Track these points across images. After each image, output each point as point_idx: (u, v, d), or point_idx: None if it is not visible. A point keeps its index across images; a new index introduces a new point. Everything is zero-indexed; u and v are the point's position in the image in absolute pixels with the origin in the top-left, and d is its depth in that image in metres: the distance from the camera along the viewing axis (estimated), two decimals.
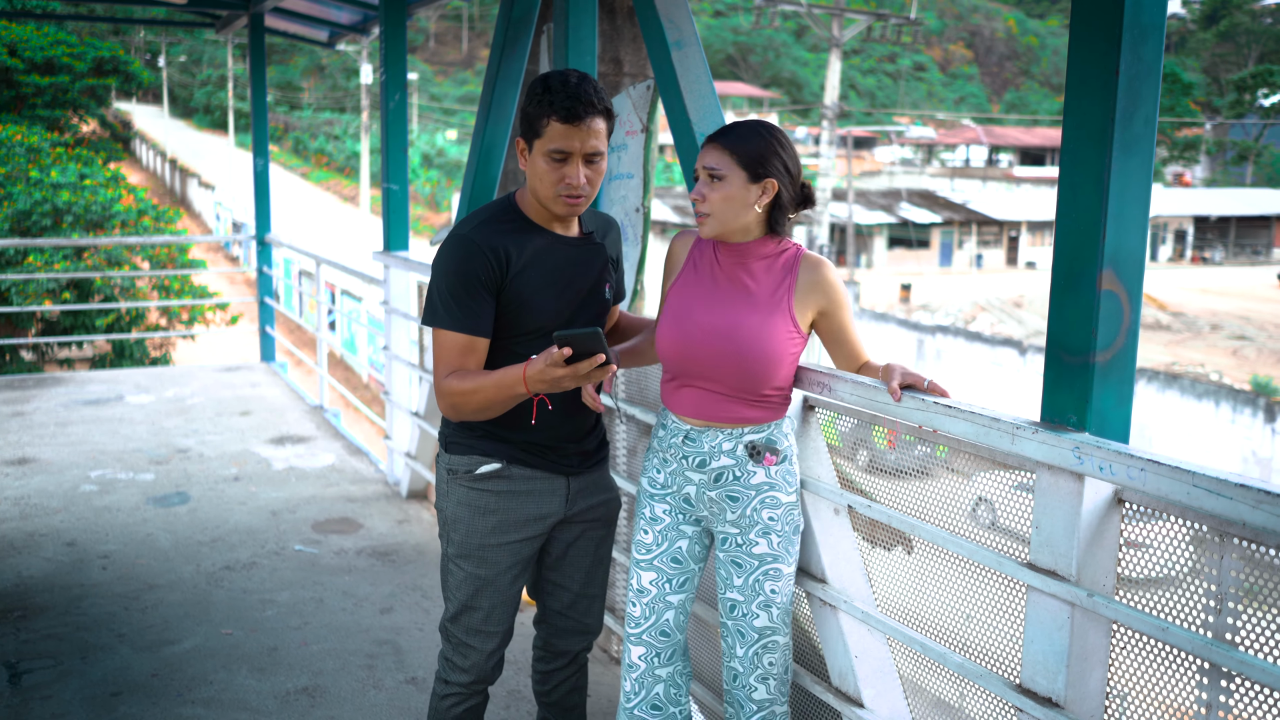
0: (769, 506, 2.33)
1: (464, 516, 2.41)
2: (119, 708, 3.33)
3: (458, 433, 2.42)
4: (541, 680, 2.70)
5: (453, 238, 2.28)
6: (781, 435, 2.37)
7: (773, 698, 2.39)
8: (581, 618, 2.62)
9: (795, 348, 2.32)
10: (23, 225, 14.39)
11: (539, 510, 2.43)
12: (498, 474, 2.39)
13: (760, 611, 2.34)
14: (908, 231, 40.08)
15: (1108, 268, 1.87)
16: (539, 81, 2.24)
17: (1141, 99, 1.85)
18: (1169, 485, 1.72)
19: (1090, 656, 1.96)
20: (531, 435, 2.39)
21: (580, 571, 2.57)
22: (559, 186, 2.25)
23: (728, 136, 2.26)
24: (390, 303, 5.47)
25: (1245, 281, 39.43)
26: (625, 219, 3.56)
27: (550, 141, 2.21)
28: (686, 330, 2.32)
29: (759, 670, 2.36)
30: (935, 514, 2.37)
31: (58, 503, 5.26)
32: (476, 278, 2.24)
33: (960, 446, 2.23)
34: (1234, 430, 20.09)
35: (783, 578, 2.35)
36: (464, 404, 2.26)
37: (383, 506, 5.32)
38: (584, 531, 2.54)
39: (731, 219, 2.27)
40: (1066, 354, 1.94)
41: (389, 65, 5.40)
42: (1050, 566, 1.97)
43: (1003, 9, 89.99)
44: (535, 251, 2.30)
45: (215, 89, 60.16)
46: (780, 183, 2.25)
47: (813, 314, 2.32)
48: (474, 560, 2.42)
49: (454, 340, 2.27)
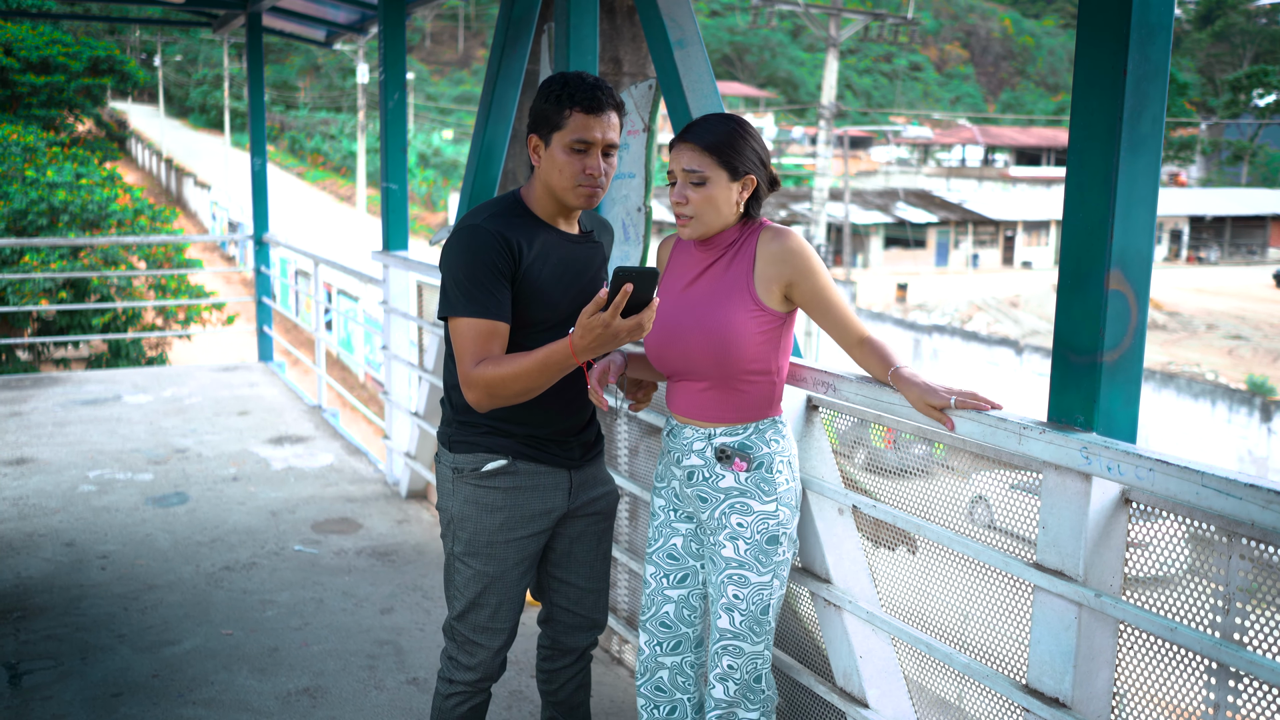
0: (738, 512, 2.29)
1: (471, 514, 2.40)
2: (120, 708, 3.32)
3: (461, 430, 2.41)
4: (548, 679, 2.70)
5: (465, 228, 2.27)
6: (761, 442, 2.30)
7: (732, 700, 2.35)
8: (589, 613, 2.63)
9: (760, 325, 2.24)
10: (19, 225, 14.36)
11: (545, 505, 2.44)
12: (504, 470, 2.39)
13: (723, 613, 2.32)
14: (904, 231, 40.12)
15: (1115, 268, 1.87)
16: (555, 79, 2.27)
17: (1149, 99, 1.85)
18: (1178, 485, 1.71)
19: (1097, 656, 1.96)
20: (535, 429, 2.40)
21: (585, 566, 2.59)
22: (579, 177, 2.27)
23: (702, 136, 2.23)
24: (390, 302, 5.46)
25: (1240, 281, 39.52)
26: (627, 218, 3.55)
27: (573, 132, 2.25)
28: (664, 326, 2.32)
29: (718, 669, 2.34)
30: (933, 513, 2.38)
31: (56, 503, 5.24)
32: (494, 264, 2.23)
33: (966, 446, 2.23)
34: (1230, 430, 20.13)
35: (749, 585, 2.28)
36: (503, 389, 2.19)
37: (382, 506, 5.31)
38: (587, 526, 2.56)
39: (714, 220, 2.26)
40: (1073, 354, 1.93)
41: (388, 65, 5.40)
42: (1057, 566, 1.97)
43: (998, 9, 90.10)
44: (543, 245, 2.31)
45: (211, 88, 60.09)
46: (757, 176, 2.26)
47: (780, 287, 2.25)
48: (482, 558, 2.42)
49: (477, 328, 2.22)
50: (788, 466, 2.34)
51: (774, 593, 2.31)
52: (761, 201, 2.30)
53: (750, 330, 2.24)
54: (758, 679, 2.37)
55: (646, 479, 3.41)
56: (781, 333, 2.29)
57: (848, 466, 2.74)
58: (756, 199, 2.29)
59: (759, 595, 2.29)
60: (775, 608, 2.33)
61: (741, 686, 2.35)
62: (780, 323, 2.28)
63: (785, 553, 2.32)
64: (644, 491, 3.30)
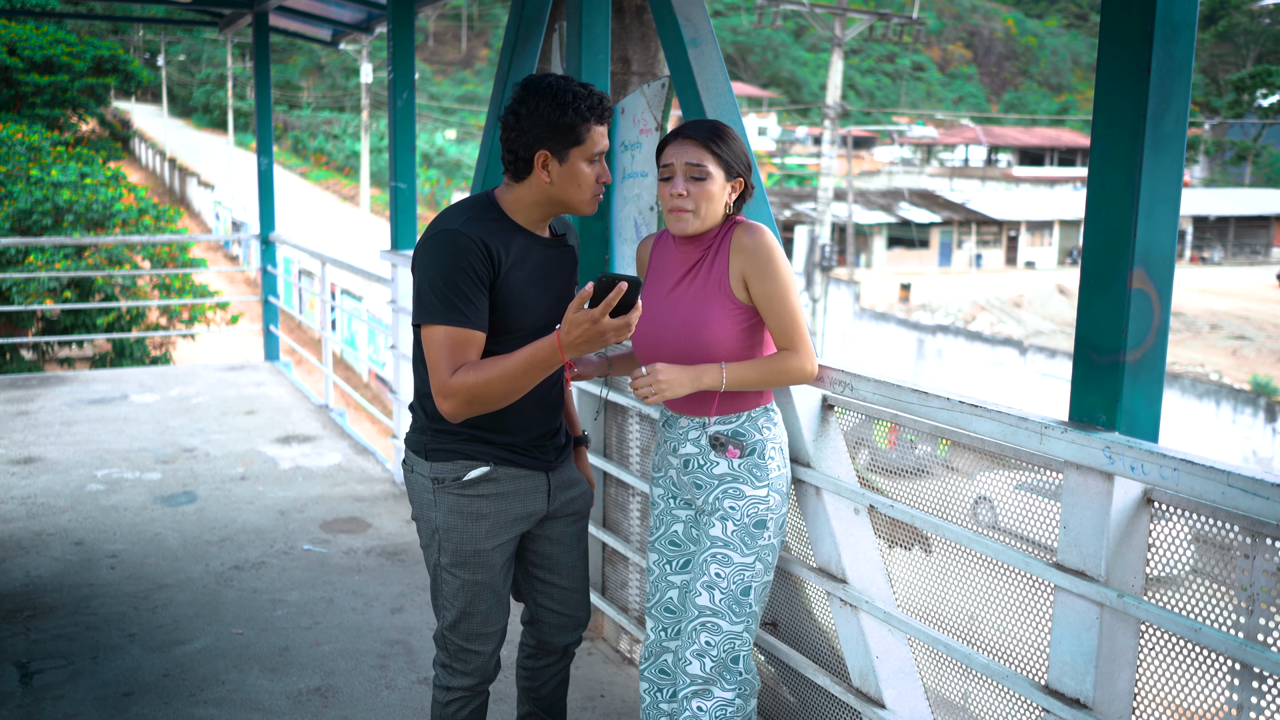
0: (731, 496, 2.36)
1: (457, 525, 2.37)
2: (131, 708, 3.32)
3: (438, 439, 2.36)
4: (531, 677, 2.73)
5: (442, 232, 2.22)
6: (754, 429, 2.37)
7: (708, 677, 2.35)
8: (575, 611, 2.65)
9: (739, 322, 2.31)
10: (23, 224, 14.37)
11: (526, 509, 2.44)
12: (486, 477, 2.37)
13: (703, 590, 2.36)
14: (907, 231, 40.08)
15: (1138, 266, 1.86)
16: (554, 91, 2.21)
17: (1173, 96, 1.84)
18: (1203, 485, 1.70)
19: (1119, 657, 1.95)
20: (512, 437, 2.38)
21: (567, 567, 2.61)
22: (595, 187, 2.30)
23: (701, 132, 2.31)
24: (398, 301, 5.46)
25: (1244, 281, 39.44)
26: (638, 217, 3.54)
27: (595, 145, 2.27)
28: (650, 328, 2.38)
29: (694, 645, 2.36)
30: (937, 513, 2.38)
31: (65, 502, 5.24)
32: (472, 271, 2.18)
33: (985, 446, 2.22)
34: (1234, 430, 20.11)
35: (731, 564, 2.33)
36: (484, 395, 2.16)
37: (390, 506, 5.30)
38: (566, 527, 2.58)
39: (711, 216, 2.33)
40: (1096, 353, 1.92)
41: (396, 63, 5.39)
42: (1078, 567, 1.96)
43: (1001, 9, 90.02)
44: (519, 251, 2.29)
45: (214, 88, 60.10)
46: (745, 179, 2.36)
47: (742, 282, 2.30)
48: (470, 567, 2.40)
49: (453, 336, 2.18)
50: (779, 453, 2.41)
51: (756, 576, 2.35)
52: (743, 205, 2.39)
53: (730, 329, 2.31)
54: (735, 659, 2.37)
55: None
56: (758, 325, 2.35)
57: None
58: (743, 201, 2.38)
59: (740, 575, 2.34)
60: (758, 592, 2.36)
61: (718, 664, 2.36)
62: (755, 315, 2.33)
63: (771, 538, 2.37)
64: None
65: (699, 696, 2.36)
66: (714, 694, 2.36)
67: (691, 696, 2.36)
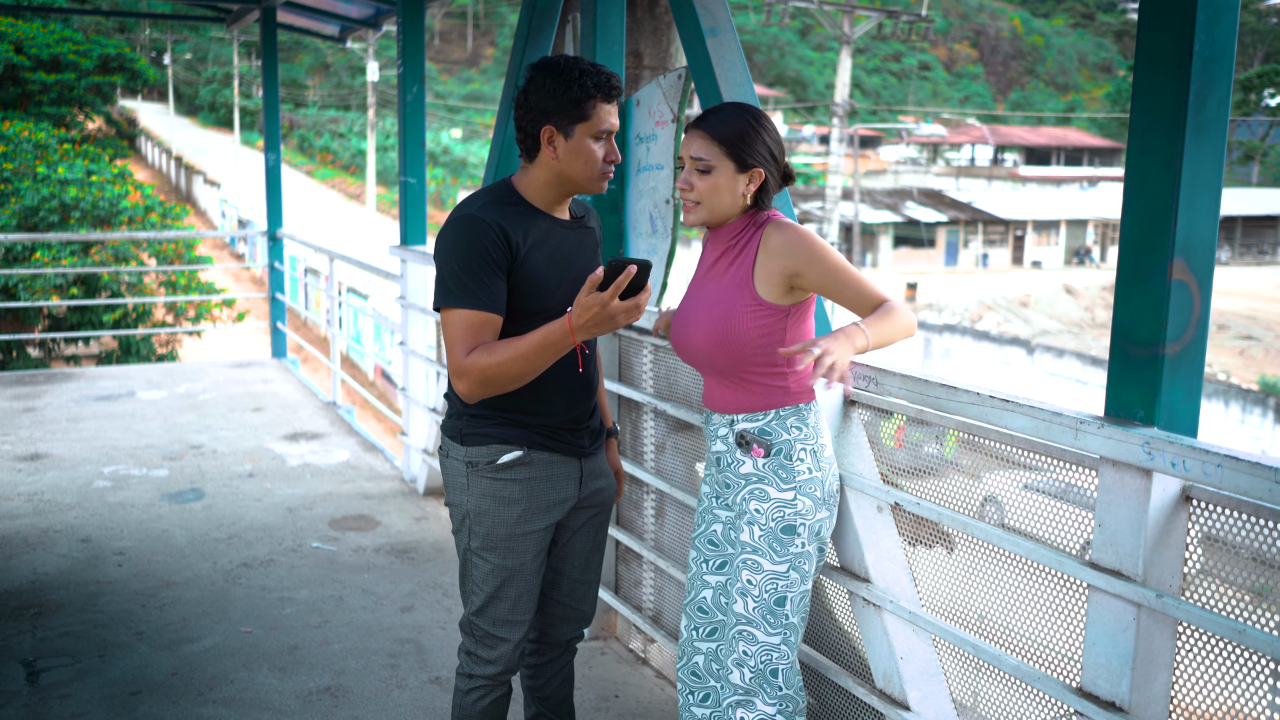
0: (756, 499, 2.29)
1: (489, 508, 2.37)
2: (139, 707, 3.27)
3: (473, 423, 2.37)
4: (535, 674, 2.68)
5: (460, 217, 2.25)
6: (781, 428, 2.28)
7: (749, 688, 2.29)
8: (579, 604, 2.62)
9: (758, 321, 2.25)
10: (30, 221, 14.35)
11: (559, 495, 2.43)
12: (520, 461, 2.36)
13: (738, 598, 2.30)
14: (914, 230, 40.00)
15: (1179, 257, 1.80)
16: (566, 68, 2.23)
17: (1215, 81, 1.78)
18: (1248, 482, 1.65)
19: (1156, 659, 1.90)
20: (547, 418, 2.38)
21: (580, 558, 2.58)
22: (602, 165, 2.29)
23: (713, 125, 2.25)
24: (407, 297, 5.41)
25: (1251, 281, 39.29)
26: (655, 210, 3.49)
27: (599, 122, 2.26)
28: (680, 316, 2.38)
29: (734, 654, 2.31)
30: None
31: (72, 499, 5.20)
32: (489, 255, 2.21)
33: (1015, 442, 2.17)
34: (1243, 430, 20.02)
35: (762, 572, 2.26)
36: (498, 376, 2.19)
37: (400, 503, 5.26)
38: (589, 518, 2.55)
39: (719, 208, 2.28)
40: (1134, 346, 1.87)
41: (407, 58, 5.34)
42: (1115, 566, 1.90)
43: (1008, 8, 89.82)
44: (538, 233, 2.30)
45: (220, 86, 60.10)
46: (766, 170, 2.27)
47: (784, 280, 2.24)
48: (500, 551, 2.39)
49: (469, 319, 2.21)
50: (811, 455, 2.30)
51: (792, 585, 2.27)
52: (771, 195, 2.31)
53: (748, 327, 2.25)
54: (774, 673, 2.30)
55: (673, 476, 3.35)
56: (787, 325, 2.27)
57: None
58: (765, 191, 2.29)
59: (772, 584, 2.26)
60: (795, 602, 2.28)
61: (757, 675, 2.29)
62: (783, 315, 2.26)
63: (805, 545, 2.28)
64: (671, 489, 3.24)
65: (742, 706, 2.30)
66: (756, 706, 2.30)
67: (735, 705, 2.31)
